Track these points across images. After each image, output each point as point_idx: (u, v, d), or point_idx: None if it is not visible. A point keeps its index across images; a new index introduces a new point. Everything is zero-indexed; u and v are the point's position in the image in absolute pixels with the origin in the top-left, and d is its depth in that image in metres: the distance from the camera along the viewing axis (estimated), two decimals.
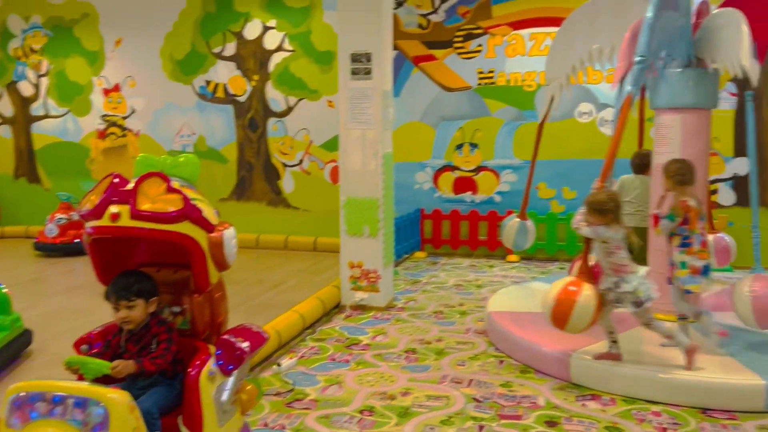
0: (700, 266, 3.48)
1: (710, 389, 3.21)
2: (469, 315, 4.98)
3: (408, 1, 7.35)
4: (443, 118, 7.41)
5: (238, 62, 8.06)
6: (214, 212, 2.52)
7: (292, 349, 4.20)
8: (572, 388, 3.51)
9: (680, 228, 3.50)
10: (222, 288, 2.66)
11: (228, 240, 2.46)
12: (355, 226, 5.02)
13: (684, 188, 3.53)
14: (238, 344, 2.48)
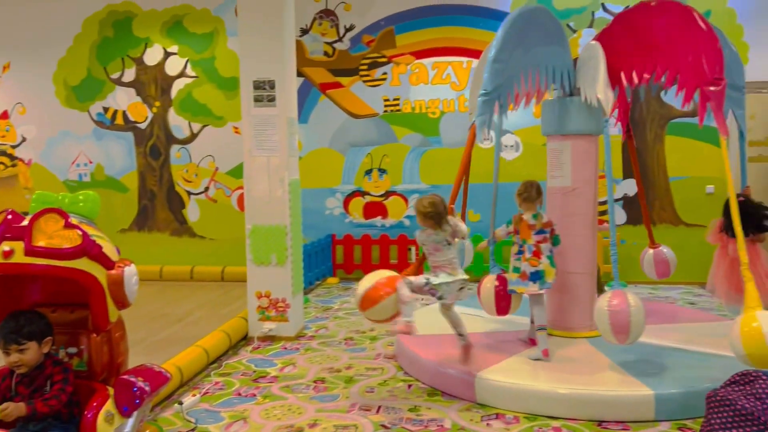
0: (528, 272, 3.94)
1: (605, 402, 3.35)
2: (380, 340, 4.98)
3: (313, 29, 7.41)
4: (352, 144, 7.47)
5: (138, 88, 7.80)
6: (115, 249, 2.44)
7: (195, 386, 4.03)
8: (478, 408, 3.57)
9: (517, 238, 4.02)
10: (122, 327, 2.57)
11: (129, 277, 2.40)
12: (261, 254, 4.93)
13: (528, 204, 4.02)
14: (138, 385, 2.39)
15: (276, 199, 4.89)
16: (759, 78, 6.64)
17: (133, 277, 2.40)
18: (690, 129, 6.78)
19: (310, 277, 6.76)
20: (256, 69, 4.86)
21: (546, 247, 3.99)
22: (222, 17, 7.56)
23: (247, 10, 4.85)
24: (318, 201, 7.53)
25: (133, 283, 2.41)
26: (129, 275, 2.37)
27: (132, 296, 2.40)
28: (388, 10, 7.26)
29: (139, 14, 7.72)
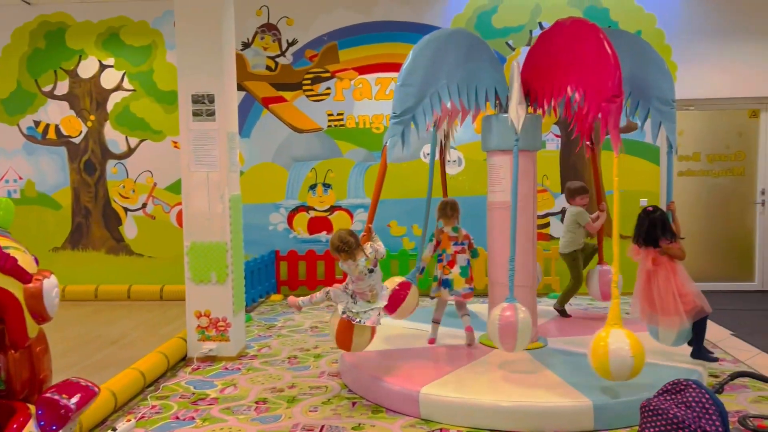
0: (441, 279, 4.48)
1: (546, 413, 3.40)
2: (324, 357, 4.92)
3: (255, 43, 7.34)
4: (295, 159, 7.41)
5: (72, 101, 7.53)
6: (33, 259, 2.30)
7: (130, 411, 3.87)
8: (422, 424, 3.55)
9: (439, 249, 4.53)
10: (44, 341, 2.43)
11: (48, 290, 2.26)
12: (201, 272, 4.80)
13: (446, 220, 4.57)
14: (63, 402, 2.25)
15: (216, 215, 4.78)
16: (687, 96, 6.96)
17: (53, 290, 2.26)
18: (624, 144, 7.01)
19: (252, 295, 6.64)
20: (194, 82, 4.76)
21: (462, 257, 4.48)
22: (160, 30, 7.40)
23: (185, 22, 4.75)
24: (261, 216, 7.42)
25: (54, 295, 2.27)
26: (49, 288, 2.23)
27: (52, 309, 2.26)
28: (331, 25, 7.26)
29: (73, 25, 7.47)
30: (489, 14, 7.11)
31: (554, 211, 7.17)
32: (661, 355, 4.20)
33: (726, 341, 5.14)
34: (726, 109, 7.17)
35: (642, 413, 2.43)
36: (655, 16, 6.97)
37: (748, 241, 7.27)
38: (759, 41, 6.92)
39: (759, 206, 7.20)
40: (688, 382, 2.38)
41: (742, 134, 7.22)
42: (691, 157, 7.25)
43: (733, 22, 6.93)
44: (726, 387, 3.90)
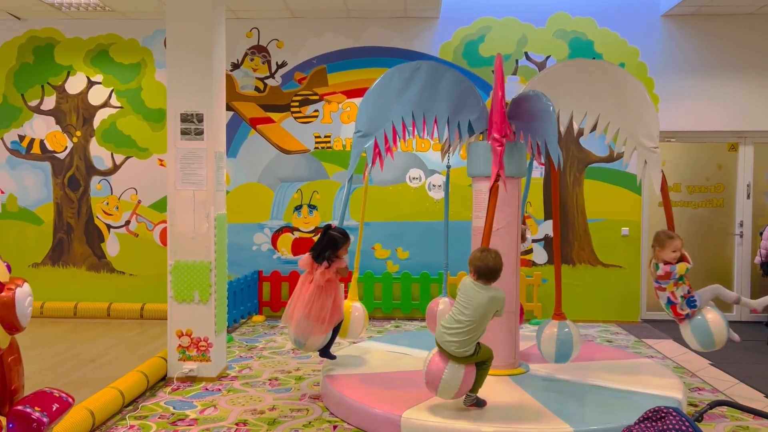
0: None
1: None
2: (305, 380, 4.89)
3: (244, 64, 7.39)
4: (281, 180, 7.42)
5: (58, 117, 7.50)
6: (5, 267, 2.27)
7: (108, 430, 3.81)
8: None
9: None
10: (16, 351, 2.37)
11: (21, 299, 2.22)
12: (183, 291, 4.77)
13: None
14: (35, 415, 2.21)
15: (201, 234, 4.77)
16: (668, 128, 7.11)
17: (26, 299, 2.23)
18: (606, 173, 7.15)
19: (234, 315, 6.59)
20: (184, 101, 4.77)
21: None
22: (150, 48, 7.43)
23: (177, 41, 4.79)
24: (245, 236, 7.40)
25: (27, 305, 2.24)
26: (21, 297, 2.20)
27: (24, 319, 2.23)
28: (320, 49, 7.34)
29: (62, 41, 7.48)
30: (476, 43, 7.24)
31: (537, 237, 7.24)
32: (640, 383, 4.24)
33: (705, 371, 5.20)
34: (706, 141, 7.33)
35: None
36: (638, 49, 7.14)
37: (726, 271, 7.38)
38: (738, 76, 7.11)
39: (737, 237, 7.33)
40: (668, 410, 2.41)
41: (721, 167, 7.37)
42: (671, 188, 7.37)
43: (714, 57, 7.12)
44: (705, 416, 3.95)
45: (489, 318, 3.54)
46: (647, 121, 4.41)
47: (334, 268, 4.28)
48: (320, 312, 4.26)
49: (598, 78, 4.61)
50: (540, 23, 7.20)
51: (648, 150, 4.39)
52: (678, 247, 4.20)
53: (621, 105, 4.50)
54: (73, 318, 7.12)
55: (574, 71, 4.77)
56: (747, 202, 7.31)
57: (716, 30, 7.10)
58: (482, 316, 3.48)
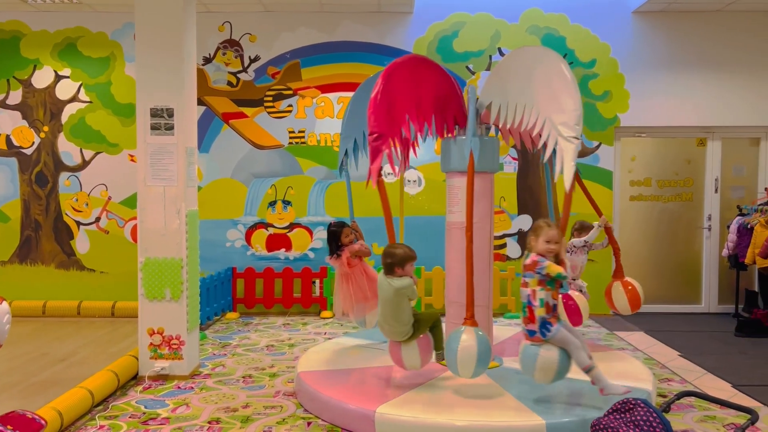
0: None
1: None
2: (280, 377, 4.86)
3: (216, 59, 7.30)
4: (255, 175, 7.36)
5: (25, 111, 7.34)
6: None
7: (77, 431, 3.74)
8: None
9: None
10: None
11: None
12: (155, 289, 4.70)
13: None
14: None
15: (172, 230, 4.70)
16: (639, 123, 7.22)
17: (3, 317, 2.19)
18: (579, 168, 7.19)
19: (208, 312, 6.52)
20: (153, 96, 4.70)
21: None
22: (120, 42, 7.30)
23: (146, 35, 4.71)
24: (218, 233, 7.33)
25: (5, 322, 2.20)
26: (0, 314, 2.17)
27: (2, 336, 2.19)
28: (293, 43, 7.29)
29: (28, 34, 7.31)
30: (450, 38, 7.26)
31: (511, 232, 7.30)
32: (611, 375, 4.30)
33: (674, 362, 5.29)
34: (675, 136, 7.45)
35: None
36: (610, 46, 7.22)
37: (695, 264, 7.52)
38: (706, 73, 7.23)
39: (706, 231, 7.47)
40: (636, 402, 2.44)
41: (690, 161, 7.50)
42: (642, 182, 7.49)
43: (682, 53, 7.23)
44: (673, 406, 4.01)
45: (405, 305, 3.85)
46: (567, 109, 3.87)
47: (344, 256, 4.75)
48: (360, 293, 4.78)
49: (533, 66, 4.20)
50: (513, 19, 7.25)
51: (564, 139, 3.83)
52: (554, 238, 3.54)
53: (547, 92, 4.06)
54: (42, 317, 6.99)
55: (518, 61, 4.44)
56: (715, 196, 7.45)
57: (685, 27, 7.21)
58: (396, 306, 3.81)
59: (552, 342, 3.50)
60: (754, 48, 7.20)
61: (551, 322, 3.49)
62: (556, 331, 3.49)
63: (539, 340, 3.52)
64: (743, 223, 6.80)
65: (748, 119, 7.26)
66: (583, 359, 3.47)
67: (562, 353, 3.51)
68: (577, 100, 3.83)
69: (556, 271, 3.44)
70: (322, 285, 7.21)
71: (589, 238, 5.12)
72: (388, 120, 4.22)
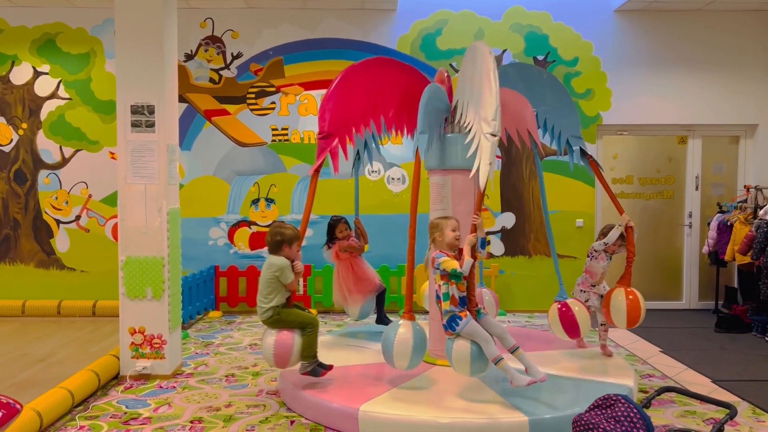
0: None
1: (483, 429, 3.44)
2: (263, 375, 4.84)
3: (198, 55, 7.24)
4: (238, 173, 7.31)
5: (3, 108, 7.22)
6: None
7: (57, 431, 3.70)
8: None
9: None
10: None
11: None
12: (136, 288, 4.65)
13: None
14: None
15: (153, 229, 4.66)
16: (620, 121, 7.27)
17: None
18: (561, 166, 7.26)
19: (190, 311, 6.47)
20: (134, 93, 4.65)
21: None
22: (99, 38, 7.21)
23: (126, 31, 4.65)
24: (201, 231, 7.28)
25: None
26: None
27: None
28: (276, 40, 7.25)
29: (6, 30, 7.19)
30: (433, 36, 7.26)
31: (494, 230, 7.32)
32: (593, 371, 4.33)
33: (655, 358, 5.35)
34: (657, 135, 7.52)
35: (574, 428, 2.49)
36: (592, 44, 7.27)
37: (676, 261, 7.60)
38: (687, 71, 7.31)
39: (686, 228, 7.55)
40: (617, 398, 2.46)
41: (671, 159, 7.58)
42: (624, 179, 7.55)
43: (664, 52, 7.30)
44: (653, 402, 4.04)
45: (273, 283, 4.02)
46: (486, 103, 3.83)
47: (334, 249, 5.14)
48: (344, 284, 5.17)
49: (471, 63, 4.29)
50: (496, 17, 7.26)
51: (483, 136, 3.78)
52: (457, 226, 3.72)
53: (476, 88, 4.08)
54: (22, 316, 6.90)
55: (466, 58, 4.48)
56: (695, 193, 7.53)
57: (666, 25, 7.28)
58: (264, 281, 4.05)
59: (463, 335, 3.57)
60: (734, 47, 7.29)
61: (461, 315, 3.57)
62: (465, 325, 3.55)
63: (451, 334, 3.61)
64: (723, 220, 6.88)
65: (728, 117, 7.35)
66: (491, 351, 3.51)
67: (474, 345, 3.55)
68: (494, 93, 3.76)
69: (450, 267, 3.53)
70: (306, 283, 7.19)
71: (608, 239, 4.64)
72: (339, 121, 4.54)
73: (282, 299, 4.06)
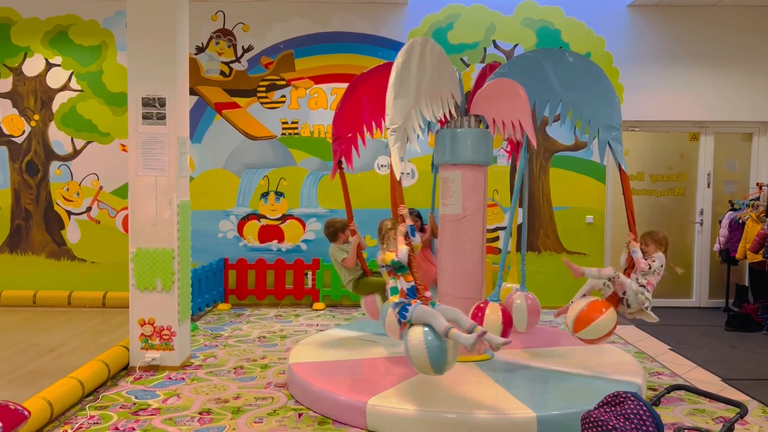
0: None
1: (490, 425, 3.43)
2: (271, 368, 4.85)
3: (209, 48, 7.25)
4: (248, 166, 7.33)
5: (15, 100, 7.27)
6: None
7: (67, 421, 3.73)
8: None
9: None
10: None
11: None
12: (146, 279, 4.68)
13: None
14: None
15: (163, 221, 4.67)
16: (632, 117, 7.22)
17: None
18: (572, 162, 7.22)
19: (199, 303, 6.50)
20: (145, 85, 4.66)
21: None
22: (111, 30, 7.23)
23: (138, 23, 4.66)
24: (210, 223, 7.30)
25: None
26: None
27: None
28: (287, 33, 7.24)
29: (19, 21, 7.23)
30: (445, 30, 7.22)
31: (503, 225, 7.30)
32: (602, 368, 4.32)
33: (664, 355, 5.32)
34: (669, 131, 7.46)
35: (583, 425, 2.48)
36: (604, 39, 7.21)
37: (686, 259, 7.55)
38: (699, 67, 7.24)
39: (698, 226, 7.50)
40: (627, 395, 2.45)
41: (683, 156, 7.52)
42: (635, 176, 7.50)
43: (676, 48, 7.23)
44: (663, 400, 4.03)
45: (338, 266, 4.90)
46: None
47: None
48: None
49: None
50: (508, 11, 7.22)
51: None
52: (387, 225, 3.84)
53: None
54: (33, 307, 6.95)
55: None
56: (707, 190, 7.48)
57: (679, 21, 7.21)
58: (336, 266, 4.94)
59: (414, 321, 3.44)
60: (748, 43, 7.21)
61: (410, 302, 3.51)
62: (414, 309, 3.46)
63: (405, 326, 3.50)
64: (735, 218, 6.83)
65: (741, 114, 7.28)
66: (439, 324, 3.33)
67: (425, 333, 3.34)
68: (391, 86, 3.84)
69: (389, 258, 3.61)
70: (315, 277, 7.20)
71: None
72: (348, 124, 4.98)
73: (355, 273, 4.91)
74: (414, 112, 4.04)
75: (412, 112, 4.03)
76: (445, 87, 4.37)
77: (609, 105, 4.39)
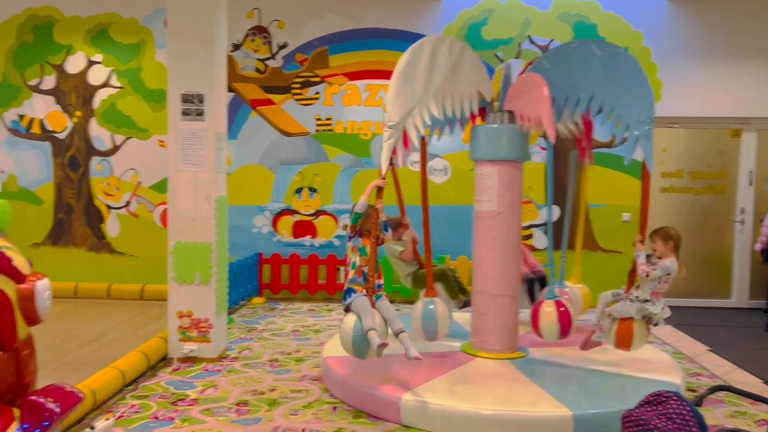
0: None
1: (526, 422, 3.42)
2: (305, 361, 4.90)
3: (245, 45, 7.33)
4: (282, 162, 7.40)
5: (58, 97, 7.46)
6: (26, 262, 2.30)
7: (109, 409, 3.83)
8: (402, 430, 3.56)
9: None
10: (31, 344, 2.42)
11: (40, 292, 2.26)
12: (184, 272, 4.77)
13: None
14: (47, 405, 2.23)
15: (201, 215, 4.75)
16: (671, 114, 7.08)
17: (45, 292, 2.26)
18: (609, 159, 7.12)
19: (234, 297, 6.60)
20: (184, 82, 4.74)
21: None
22: (150, 28, 7.37)
23: (177, 21, 4.74)
24: (246, 218, 7.40)
25: (46, 298, 2.28)
26: (41, 290, 2.23)
27: (43, 312, 2.27)
28: (321, 30, 7.28)
29: (61, 20, 7.41)
30: (479, 26, 7.18)
31: (538, 222, 7.24)
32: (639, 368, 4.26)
33: (703, 356, 5.22)
34: (709, 128, 7.30)
35: (623, 423, 2.45)
36: (642, 33, 7.09)
37: (726, 258, 7.38)
38: (742, 63, 7.06)
39: (738, 224, 7.32)
40: (669, 394, 2.42)
41: (723, 153, 7.35)
42: (674, 173, 7.36)
43: (718, 43, 7.06)
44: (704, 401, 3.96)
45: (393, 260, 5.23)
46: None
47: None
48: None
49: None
50: (544, 6, 7.14)
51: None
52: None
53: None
54: (74, 298, 7.14)
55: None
56: (749, 188, 7.29)
57: (722, 15, 7.04)
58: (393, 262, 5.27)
59: (352, 309, 3.81)
60: None
61: (356, 290, 3.87)
62: (355, 298, 3.83)
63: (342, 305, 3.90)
64: None
65: None
66: (367, 323, 3.65)
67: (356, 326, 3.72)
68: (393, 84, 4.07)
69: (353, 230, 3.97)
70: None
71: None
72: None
73: (412, 267, 5.17)
74: (418, 110, 4.11)
75: (415, 111, 4.11)
76: (468, 84, 4.36)
77: (638, 98, 4.19)
